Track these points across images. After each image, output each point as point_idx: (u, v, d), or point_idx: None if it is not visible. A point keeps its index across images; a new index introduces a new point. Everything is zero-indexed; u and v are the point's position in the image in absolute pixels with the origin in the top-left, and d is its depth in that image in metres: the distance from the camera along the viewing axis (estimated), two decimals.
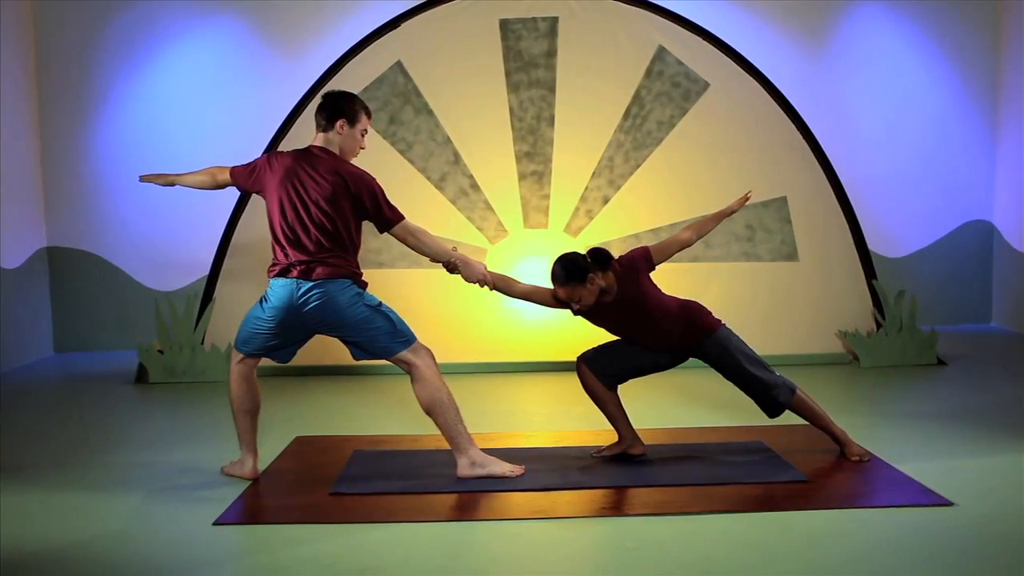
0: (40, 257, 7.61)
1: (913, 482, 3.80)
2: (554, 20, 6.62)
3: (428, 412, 3.92)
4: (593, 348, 4.27)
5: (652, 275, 4.15)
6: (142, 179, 4.20)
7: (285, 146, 6.45)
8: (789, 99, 6.73)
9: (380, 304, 3.90)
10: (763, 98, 6.61)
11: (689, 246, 4.26)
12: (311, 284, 3.76)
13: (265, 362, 4.12)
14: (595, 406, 4.31)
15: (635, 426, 4.30)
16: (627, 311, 4.08)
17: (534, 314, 6.51)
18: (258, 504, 3.76)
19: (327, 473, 4.09)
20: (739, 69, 6.61)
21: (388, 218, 3.87)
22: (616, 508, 3.64)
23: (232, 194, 6.56)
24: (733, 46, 6.72)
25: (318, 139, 3.92)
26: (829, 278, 6.66)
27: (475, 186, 6.62)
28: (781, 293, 6.64)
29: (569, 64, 6.61)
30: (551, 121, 6.62)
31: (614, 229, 6.63)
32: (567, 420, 5.15)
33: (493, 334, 6.57)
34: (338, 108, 3.90)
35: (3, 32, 7.18)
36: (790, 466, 4.04)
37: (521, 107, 6.64)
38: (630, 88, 6.62)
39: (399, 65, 6.59)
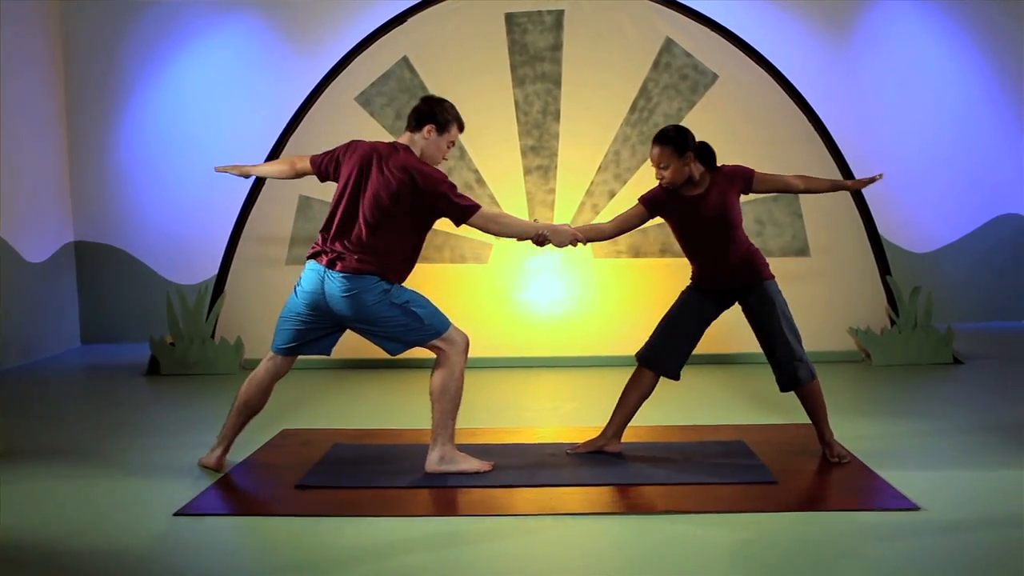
0: (67, 251, 7.84)
1: (886, 486, 3.68)
2: (560, 13, 6.57)
3: (432, 396, 3.91)
4: (648, 346, 4.14)
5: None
6: (217, 170, 4.20)
7: (293, 141, 6.54)
8: (810, 92, 6.58)
9: (408, 301, 3.84)
10: (774, 90, 6.47)
11: (793, 192, 4.21)
12: (334, 274, 3.78)
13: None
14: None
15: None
16: (705, 217, 3.97)
17: (539, 310, 6.50)
18: (224, 496, 3.81)
19: (303, 466, 4.13)
20: (749, 60, 6.48)
21: (463, 208, 3.80)
22: (576, 507, 3.60)
23: (246, 191, 6.69)
24: (751, 38, 6.59)
25: (404, 137, 3.90)
26: (841, 274, 6.49)
27: (480, 180, 6.62)
28: (791, 289, 6.39)
29: (575, 57, 6.55)
30: (557, 115, 6.58)
31: None
32: (554, 417, 5.12)
33: (498, 329, 6.56)
34: (431, 113, 3.86)
35: (31, 31, 7.40)
36: (763, 467, 3.96)
37: (527, 101, 6.61)
38: (637, 81, 6.54)
39: (405, 60, 6.61)
